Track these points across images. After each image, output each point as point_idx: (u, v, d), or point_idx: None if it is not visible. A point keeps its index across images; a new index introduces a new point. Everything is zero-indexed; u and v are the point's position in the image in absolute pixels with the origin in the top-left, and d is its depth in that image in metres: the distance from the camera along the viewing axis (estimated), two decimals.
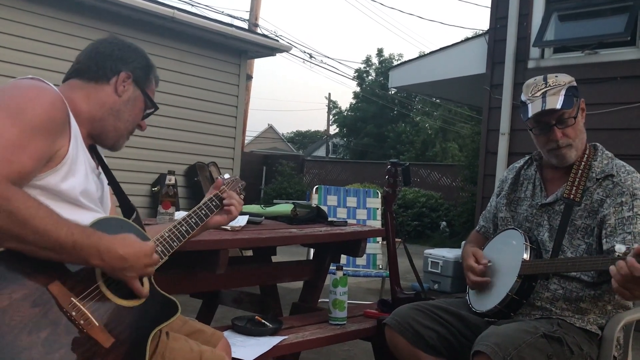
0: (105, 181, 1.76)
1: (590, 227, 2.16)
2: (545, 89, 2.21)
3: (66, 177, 1.51)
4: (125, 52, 1.73)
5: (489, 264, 2.27)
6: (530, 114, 2.20)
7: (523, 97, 2.26)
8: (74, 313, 1.39)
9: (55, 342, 1.34)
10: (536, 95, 2.21)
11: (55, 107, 1.49)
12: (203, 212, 1.84)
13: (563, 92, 2.19)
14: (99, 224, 1.52)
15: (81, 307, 1.41)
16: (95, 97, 1.67)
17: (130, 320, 1.52)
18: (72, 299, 1.41)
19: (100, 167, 1.73)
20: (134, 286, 1.51)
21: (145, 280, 1.58)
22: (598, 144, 2.31)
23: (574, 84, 2.25)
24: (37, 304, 1.35)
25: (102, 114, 1.67)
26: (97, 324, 1.43)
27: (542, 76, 2.27)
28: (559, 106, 2.16)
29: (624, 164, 2.23)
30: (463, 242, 2.90)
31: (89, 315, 1.42)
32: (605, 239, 2.09)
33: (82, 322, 1.40)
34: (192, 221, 1.78)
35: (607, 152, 2.28)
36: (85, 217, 1.52)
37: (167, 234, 1.69)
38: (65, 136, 1.52)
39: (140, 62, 1.75)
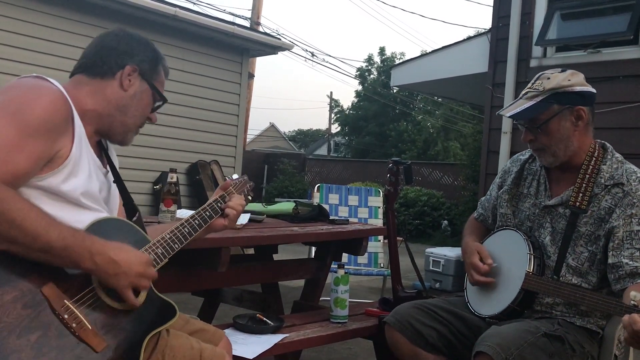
0: (112, 179, 1.72)
1: (594, 234, 2.10)
2: (526, 91, 2.16)
3: (68, 178, 1.48)
4: (130, 44, 1.67)
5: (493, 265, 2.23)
6: (500, 112, 2.22)
7: None
8: (66, 316, 1.37)
9: (45, 346, 1.32)
10: (521, 93, 2.19)
11: (56, 108, 1.45)
12: (207, 213, 1.78)
13: (539, 98, 2.10)
14: (97, 225, 1.49)
15: (74, 309, 1.39)
16: (101, 93, 1.62)
17: (126, 324, 1.49)
18: (65, 301, 1.38)
19: (108, 166, 1.70)
20: (126, 295, 1.46)
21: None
22: (607, 144, 2.20)
23: (573, 88, 2.10)
24: (28, 306, 1.32)
25: (108, 110, 1.63)
26: (90, 328, 1.40)
27: (541, 73, 2.18)
28: (509, 114, 2.15)
29: (635, 169, 2.12)
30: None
31: (82, 318, 1.39)
32: (611, 252, 2.04)
33: (74, 325, 1.37)
34: (195, 223, 1.73)
35: (617, 154, 2.17)
36: (86, 217, 1.50)
37: (168, 236, 1.64)
38: (68, 136, 1.49)
39: (147, 55, 1.69)
